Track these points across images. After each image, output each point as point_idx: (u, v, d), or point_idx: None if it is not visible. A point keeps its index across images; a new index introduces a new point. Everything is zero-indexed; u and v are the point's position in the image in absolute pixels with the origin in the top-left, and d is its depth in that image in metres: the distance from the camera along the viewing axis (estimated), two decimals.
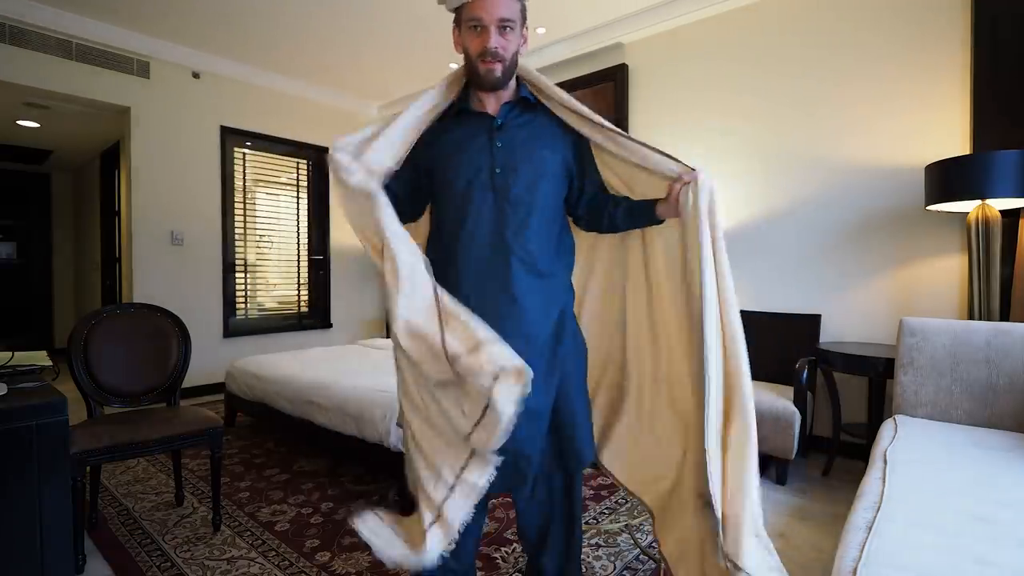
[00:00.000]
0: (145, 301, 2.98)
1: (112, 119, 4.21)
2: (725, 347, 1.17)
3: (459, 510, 1.07)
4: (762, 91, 3.18)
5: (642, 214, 1.31)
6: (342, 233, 5.39)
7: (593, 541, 1.94)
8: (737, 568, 1.02)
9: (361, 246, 1.20)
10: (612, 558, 1.84)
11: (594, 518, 2.13)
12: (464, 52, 1.18)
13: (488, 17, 1.09)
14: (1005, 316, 2.30)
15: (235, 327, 4.66)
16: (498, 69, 1.14)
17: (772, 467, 2.63)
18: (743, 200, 3.27)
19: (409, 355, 1.08)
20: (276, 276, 5.03)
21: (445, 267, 1.23)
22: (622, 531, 2.03)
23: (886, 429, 1.83)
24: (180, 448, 2.02)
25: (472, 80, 1.21)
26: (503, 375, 0.97)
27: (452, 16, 1.23)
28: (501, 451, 1.05)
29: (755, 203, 3.23)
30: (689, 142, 3.51)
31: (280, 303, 5.08)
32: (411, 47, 4.11)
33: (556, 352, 1.26)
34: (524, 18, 1.17)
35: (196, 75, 4.30)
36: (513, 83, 1.24)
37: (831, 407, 2.66)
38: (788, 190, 3.10)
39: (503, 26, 1.11)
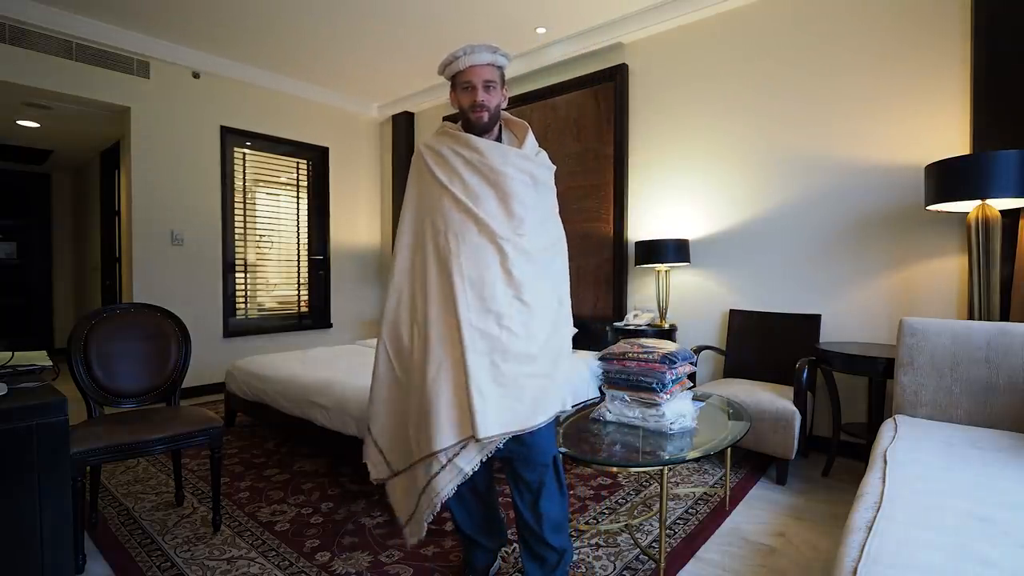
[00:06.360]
0: (145, 301, 2.99)
1: (112, 119, 4.21)
2: None
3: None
4: (762, 91, 3.18)
5: None
6: (342, 233, 5.40)
7: (593, 541, 1.94)
8: None
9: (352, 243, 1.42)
10: (612, 558, 1.84)
11: (594, 518, 2.13)
12: (459, 106, 1.53)
13: (476, 79, 1.48)
14: (1005, 316, 2.30)
15: (235, 327, 4.66)
16: (485, 116, 1.50)
17: (772, 467, 2.63)
18: (743, 200, 3.27)
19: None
20: (276, 276, 5.03)
21: None
22: (622, 531, 2.03)
23: (886, 429, 1.83)
24: (180, 448, 2.02)
25: (465, 126, 1.56)
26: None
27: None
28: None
29: (755, 203, 3.23)
30: (689, 141, 3.51)
31: (280, 303, 5.08)
32: (411, 47, 4.11)
33: None
34: (503, 80, 1.54)
35: (196, 75, 4.30)
36: (496, 129, 1.58)
37: (831, 407, 2.66)
38: (788, 190, 3.10)
39: (487, 86, 1.49)
